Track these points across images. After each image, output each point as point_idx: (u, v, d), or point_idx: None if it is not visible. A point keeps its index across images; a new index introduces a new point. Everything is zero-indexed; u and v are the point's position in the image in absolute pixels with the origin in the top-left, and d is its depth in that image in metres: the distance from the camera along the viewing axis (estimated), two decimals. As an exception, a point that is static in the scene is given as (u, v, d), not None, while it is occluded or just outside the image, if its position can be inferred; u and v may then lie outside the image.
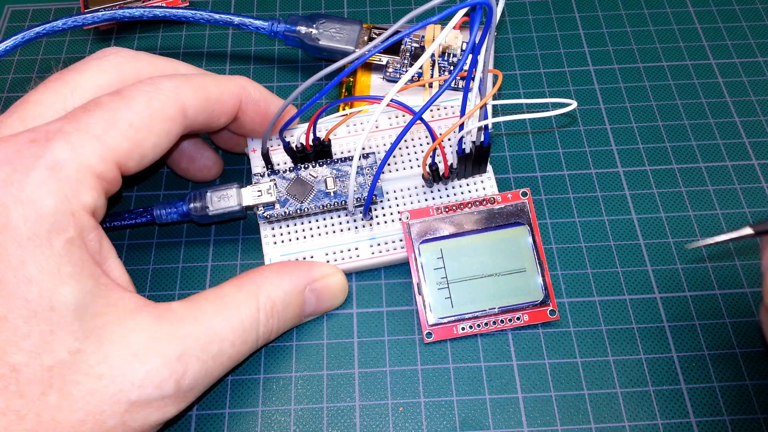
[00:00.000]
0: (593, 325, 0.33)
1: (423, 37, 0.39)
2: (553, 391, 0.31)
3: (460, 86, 0.38)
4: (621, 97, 0.40)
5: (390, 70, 0.39)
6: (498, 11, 0.26)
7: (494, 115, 0.35)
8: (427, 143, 0.35)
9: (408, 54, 0.39)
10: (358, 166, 0.33)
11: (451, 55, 0.38)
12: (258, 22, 0.38)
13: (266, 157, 0.34)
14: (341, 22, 0.39)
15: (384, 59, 0.39)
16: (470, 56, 0.27)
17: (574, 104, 0.29)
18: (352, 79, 0.39)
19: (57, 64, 0.43)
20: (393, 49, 0.39)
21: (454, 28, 0.38)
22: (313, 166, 0.33)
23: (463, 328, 0.32)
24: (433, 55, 0.38)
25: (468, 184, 0.35)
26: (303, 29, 0.38)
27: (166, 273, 0.35)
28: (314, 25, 0.38)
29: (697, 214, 0.36)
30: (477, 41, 0.27)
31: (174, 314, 0.26)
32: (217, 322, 0.27)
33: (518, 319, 0.32)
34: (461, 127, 0.30)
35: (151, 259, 0.35)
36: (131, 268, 0.34)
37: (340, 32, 0.39)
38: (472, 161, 0.33)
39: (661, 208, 0.36)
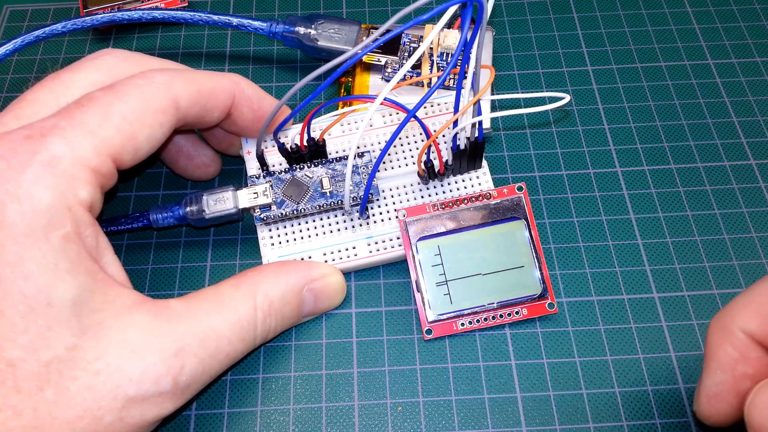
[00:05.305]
0: (591, 325, 0.33)
1: (422, 37, 0.39)
2: (551, 390, 0.31)
3: (455, 85, 0.38)
4: (619, 97, 0.40)
5: (389, 70, 0.39)
6: (489, 7, 0.27)
7: (491, 112, 0.35)
8: (422, 141, 0.36)
9: (406, 54, 0.39)
10: (353, 165, 0.33)
11: (449, 55, 0.38)
12: (257, 23, 0.38)
13: (261, 158, 0.34)
14: (340, 22, 0.39)
15: (383, 59, 0.39)
16: (462, 53, 0.27)
17: (567, 98, 0.29)
18: (350, 80, 0.40)
19: (53, 65, 0.43)
20: (391, 49, 0.39)
21: (452, 27, 0.38)
22: (309, 167, 0.34)
23: (462, 324, 0.32)
24: (431, 54, 0.38)
25: (464, 180, 0.35)
26: (302, 30, 0.39)
27: (165, 273, 0.35)
28: (313, 26, 0.39)
29: (694, 214, 0.36)
30: (468, 38, 0.27)
31: (172, 311, 0.26)
32: (215, 320, 0.27)
33: (517, 313, 0.32)
34: (455, 123, 0.30)
35: (150, 259, 0.35)
36: (130, 268, 0.34)
37: (339, 33, 0.39)
38: (467, 157, 0.33)
39: (659, 208, 0.36)
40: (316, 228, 0.34)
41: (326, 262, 0.33)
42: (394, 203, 0.34)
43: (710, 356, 0.25)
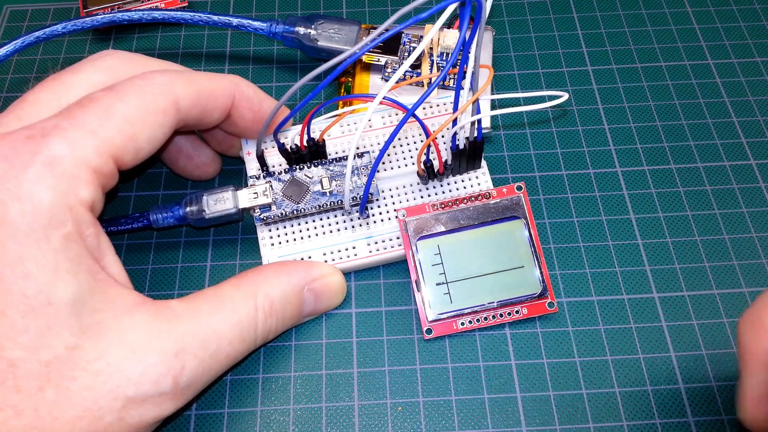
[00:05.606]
0: (591, 325, 0.33)
1: (422, 37, 0.39)
2: (551, 390, 0.31)
3: (454, 84, 0.38)
4: (619, 97, 0.40)
5: (389, 70, 0.39)
6: (487, 6, 0.27)
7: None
8: (421, 140, 0.36)
9: (406, 54, 0.39)
10: (353, 166, 0.33)
11: (449, 55, 0.38)
12: (257, 23, 0.38)
13: (261, 159, 0.34)
14: (340, 22, 0.39)
15: (383, 59, 0.39)
16: (461, 52, 0.27)
17: (565, 96, 0.29)
18: (350, 80, 0.40)
19: (54, 66, 0.43)
20: (391, 49, 0.39)
21: (453, 27, 0.38)
22: (309, 167, 0.34)
23: (462, 323, 0.32)
24: (431, 54, 0.38)
25: (463, 180, 0.35)
26: (302, 30, 0.39)
27: (165, 273, 0.35)
28: (313, 26, 0.39)
29: (694, 214, 0.36)
30: (467, 37, 0.27)
31: (172, 311, 0.26)
32: (216, 321, 0.27)
33: (517, 312, 0.32)
34: (454, 122, 0.30)
35: (150, 259, 0.35)
36: (130, 268, 0.34)
37: (339, 33, 0.39)
38: (466, 157, 0.33)
39: (659, 208, 0.36)
40: (316, 228, 0.34)
41: (326, 262, 0.33)
42: (393, 203, 0.34)
43: (747, 356, 0.24)
